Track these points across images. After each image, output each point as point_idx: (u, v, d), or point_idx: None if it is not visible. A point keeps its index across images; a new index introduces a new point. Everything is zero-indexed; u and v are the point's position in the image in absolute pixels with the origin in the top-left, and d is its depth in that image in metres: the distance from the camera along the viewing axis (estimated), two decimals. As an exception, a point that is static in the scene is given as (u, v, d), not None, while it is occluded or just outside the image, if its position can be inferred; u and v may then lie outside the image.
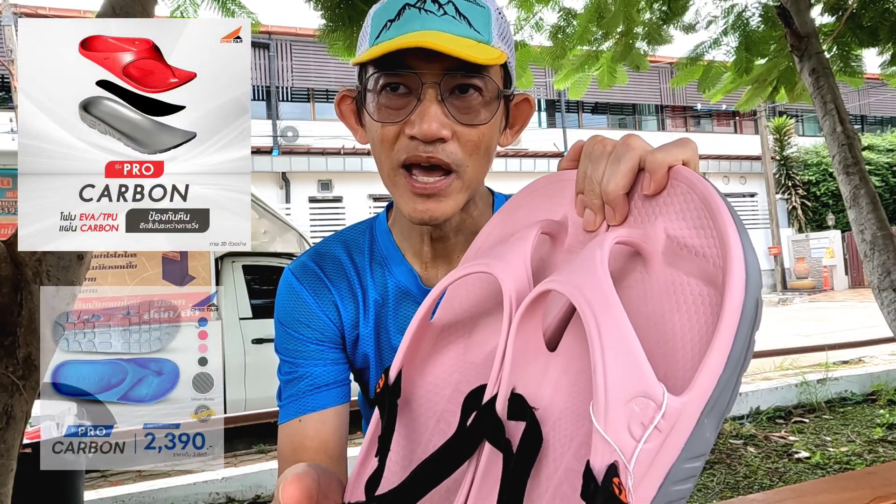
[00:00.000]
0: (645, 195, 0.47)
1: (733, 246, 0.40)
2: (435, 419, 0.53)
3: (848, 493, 1.11)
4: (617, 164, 0.48)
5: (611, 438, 0.35)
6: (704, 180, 0.45)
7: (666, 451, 0.37)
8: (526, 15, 3.35)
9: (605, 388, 0.36)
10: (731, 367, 0.39)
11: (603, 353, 0.37)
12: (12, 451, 1.30)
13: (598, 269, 0.42)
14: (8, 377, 1.33)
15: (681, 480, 0.38)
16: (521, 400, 0.43)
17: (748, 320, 0.39)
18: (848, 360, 5.68)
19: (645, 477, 0.36)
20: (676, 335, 0.42)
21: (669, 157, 0.47)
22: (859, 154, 2.86)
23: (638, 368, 0.37)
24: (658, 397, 0.37)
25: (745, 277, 0.40)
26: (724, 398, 0.39)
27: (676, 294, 0.43)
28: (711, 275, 0.42)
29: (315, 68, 14.49)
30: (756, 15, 3.47)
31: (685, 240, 0.44)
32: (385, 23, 0.68)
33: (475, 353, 0.54)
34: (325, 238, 0.86)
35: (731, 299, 0.39)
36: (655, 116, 18.66)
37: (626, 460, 0.35)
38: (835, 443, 3.51)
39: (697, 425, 0.38)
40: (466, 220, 0.78)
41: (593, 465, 0.36)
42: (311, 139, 14.18)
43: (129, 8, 1.58)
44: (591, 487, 0.35)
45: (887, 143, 18.15)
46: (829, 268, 16.24)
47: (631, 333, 0.38)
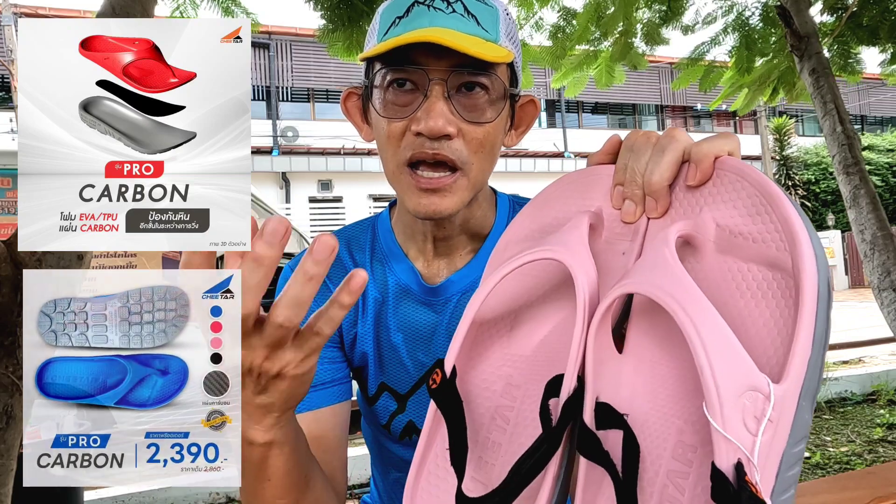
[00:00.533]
0: (688, 186, 0.48)
1: (799, 229, 0.41)
2: (490, 415, 0.52)
3: (848, 493, 1.11)
4: (661, 155, 0.49)
5: (731, 436, 0.35)
6: (756, 168, 0.45)
7: (777, 439, 0.37)
8: (526, 14, 3.35)
9: (715, 387, 0.36)
10: (818, 349, 0.39)
11: (707, 352, 0.37)
12: (12, 451, 1.29)
13: (675, 267, 0.42)
14: (8, 377, 1.33)
15: (792, 465, 0.39)
16: (609, 409, 0.43)
17: (825, 300, 0.40)
18: (848, 360, 5.68)
19: (765, 468, 0.37)
20: (747, 321, 0.42)
21: (715, 147, 0.47)
22: (859, 154, 2.86)
23: (741, 362, 0.37)
24: (765, 388, 0.37)
25: (815, 258, 0.40)
26: (814, 379, 0.39)
27: (737, 280, 0.43)
28: (775, 258, 0.42)
29: (315, 68, 14.49)
30: (756, 14, 3.47)
31: (738, 227, 0.44)
32: (394, 19, 0.68)
33: (522, 346, 0.53)
34: None
35: (808, 281, 0.39)
36: (655, 116, 18.65)
37: (750, 456, 0.35)
38: (835, 443, 3.51)
39: (798, 409, 0.38)
40: (470, 218, 0.78)
41: (719, 465, 0.35)
42: (311, 139, 14.17)
43: (129, 8, 1.58)
44: (730, 490, 0.35)
45: (887, 143, 18.14)
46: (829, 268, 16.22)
47: (726, 328, 0.38)
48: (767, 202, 0.43)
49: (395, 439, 0.82)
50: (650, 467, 0.42)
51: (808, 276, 0.39)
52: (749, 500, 0.34)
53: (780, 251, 0.42)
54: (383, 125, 0.70)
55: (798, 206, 0.43)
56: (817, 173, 17.68)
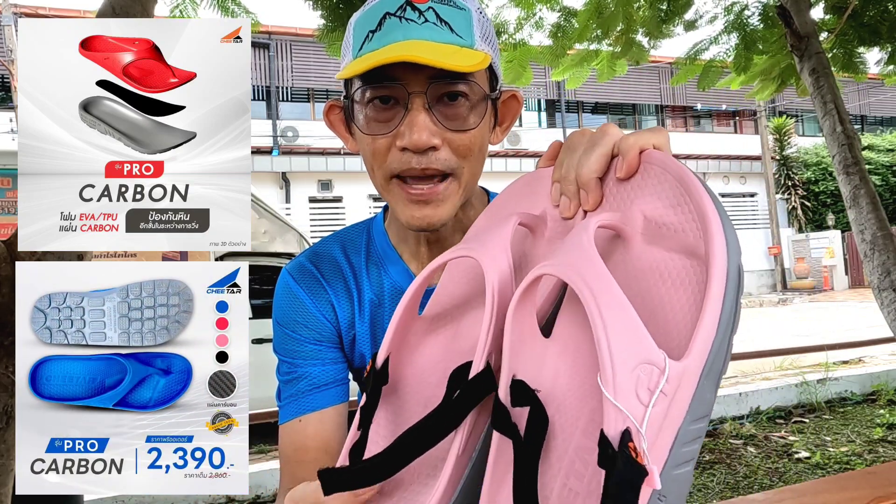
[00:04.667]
0: (618, 178, 0.50)
1: (711, 217, 0.43)
2: (423, 405, 0.54)
3: (848, 493, 1.11)
4: (592, 150, 0.51)
5: (622, 405, 0.37)
6: (676, 160, 0.47)
7: (673, 413, 0.39)
8: (526, 14, 3.35)
9: (610, 358, 0.38)
10: (723, 330, 0.41)
11: (605, 325, 0.38)
12: (12, 451, 1.29)
13: (588, 249, 0.44)
14: (8, 377, 1.33)
15: (689, 441, 0.40)
16: (523, 385, 0.45)
17: (733, 284, 0.42)
18: (848, 360, 5.68)
19: (657, 440, 0.38)
20: (665, 306, 0.44)
21: (641, 140, 0.49)
22: (859, 154, 2.86)
23: (638, 337, 0.39)
24: (660, 363, 0.38)
25: (725, 244, 0.42)
26: (720, 359, 0.41)
27: (660, 270, 0.45)
28: (692, 247, 0.44)
29: (315, 68, 14.49)
30: (756, 14, 3.47)
31: (662, 218, 0.46)
32: (367, 34, 0.67)
33: (463, 342, 0.55)
34: (324, 238, 0.87)
35: (718, 266, 0.41)
36: (655, 116, 18.64)
37: (637, 425, 0.37)
38: (835, 443, 3.50)
39: (698, 387, 0.40)
40: (463, 219, 0.78)
41: (607, 432, 0.37)
42: (311, 139, 14.17)
43: (129, 8, 1.58)
44: (609, 453, 0.36)
45: (887, 143, 18.14)
46: (829, 268, 16.23)
47: (627, 305, 0.40)
48: (685, 192, 0.45)
49: (394, 439, 0.82)
50: (561, 444, 0.44)
51: (717, 260, 0.41)
52: (626, 463, 0.35)
53: (697, 239, 0.44)
54: (368, 142, 0.70)
55: (714, 194, 0.45)
56: (817, 173, 17.67)
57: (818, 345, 5.52)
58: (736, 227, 0.59)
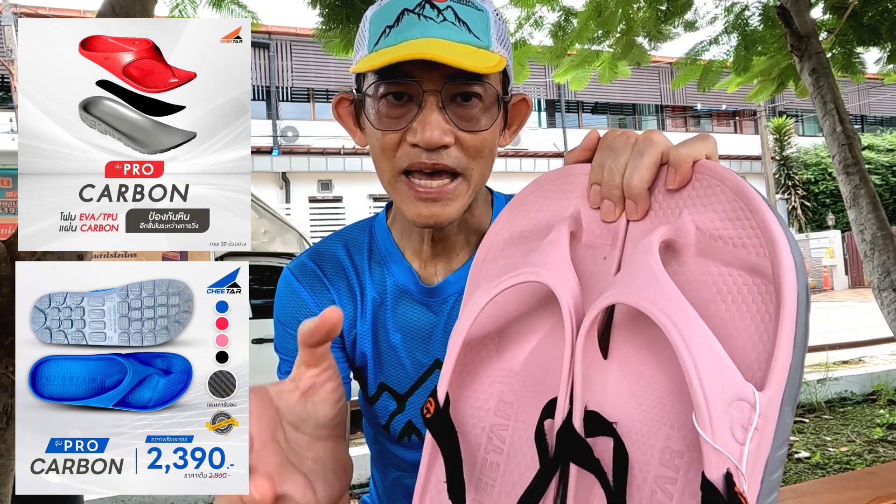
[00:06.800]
0: (668, 189, 0.48)
1: (777, 235, 0.41)
2: (486, 436, 0.52)
3: (848, 493, 1.11)
4: (640, 158, 0.48)
5: (721, 447, 0.36)
6: (733, 172, 0.45)
7: (763, 446, 0.38)
8: (527, 14, 3.35)
9: (704, 399, 0.36)
10: (798, 354, 0.40)
11: (695, 364, 0.37)
12: (12, 450, 1.29)
13: (661, 277, 0.42)
14: (8, 377, 1.32)
15: (775, 469, 0.39)
16: (598, 417, 0.43)
17: (804, 306, 0.40)
18: (848, 360, 5.68)
19: (751, 476, 0.37)
20: (728, 325, 0.42)
21: (693, 151, 0.47)
22: (859, 154, 2.86)
23: (729, 373, 0.38)
24: (750, 398, 0.37)
25: (794, 264, 0.40)
26: (795, 384, 0.40)
27: (717, 284, 0.43)
28: (753, 263, 0.42)
29: (315, 68, 14.49)
30: (756, 14, 3.47)
31: (718, 231, 0.44)
32: (384, 28, 0.67)
33: (511, 361, 0.53)
34: (326, 237, 0.87)
35: (789, 288, 0.39)
36: (655, 116, 18.64)
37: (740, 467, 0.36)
38: (835, 443, 3.50)
39: (780, 415, 0.39)
40: (468, 219, 0.78)
41: (709, 476, 0.36)
42: (311, 139, 14.17)
43: (129, 8, 1.58)
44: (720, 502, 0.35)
45: (887, 143, 18.14)
46: (829, 268, 16.23)
47: (713, 339, 0.39)
48: (746, 207, 0.43)
49: (394, 440, 0.82)
50: (638, 473, 0.43)
51: (788, 283, 0.40)
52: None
53: (760, 257, 0.42)
54: (378, 136, 0.70)
55: (776, 211, 0.43)
56: (817, 173, 17.67)
57: (818, 345, 5.52)
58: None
